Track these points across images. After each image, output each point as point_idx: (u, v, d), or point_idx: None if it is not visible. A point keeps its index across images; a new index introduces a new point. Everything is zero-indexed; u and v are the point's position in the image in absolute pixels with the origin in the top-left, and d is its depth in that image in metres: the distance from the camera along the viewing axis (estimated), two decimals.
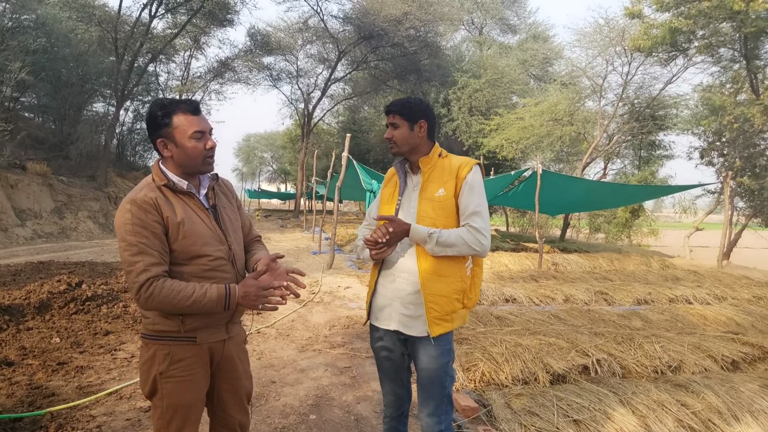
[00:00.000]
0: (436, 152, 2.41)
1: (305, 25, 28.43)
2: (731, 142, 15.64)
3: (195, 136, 1.96)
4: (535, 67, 29.34)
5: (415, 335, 2.31)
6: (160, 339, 1.94)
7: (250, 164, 59.50)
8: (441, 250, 2.23)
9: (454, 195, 2.31)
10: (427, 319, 2.26)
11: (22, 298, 5.86)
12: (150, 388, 1.96)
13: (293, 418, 3.51)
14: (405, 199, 2.43)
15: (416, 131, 2.37)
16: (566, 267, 11.45)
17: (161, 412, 1.95)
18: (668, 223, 29.97)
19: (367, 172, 13.02)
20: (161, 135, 1.95)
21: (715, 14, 13.11)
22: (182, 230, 1.92)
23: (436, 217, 2.30)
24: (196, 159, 1.98)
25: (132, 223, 1.83)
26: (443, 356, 2.30)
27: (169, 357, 1.93)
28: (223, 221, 2.09)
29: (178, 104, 1.97)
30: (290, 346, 5.19)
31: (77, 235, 16.03)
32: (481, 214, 2.27)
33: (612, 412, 3.36)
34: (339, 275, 9.70)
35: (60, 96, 20.42)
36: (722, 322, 6.47)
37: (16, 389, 3.71)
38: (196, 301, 1.84)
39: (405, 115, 2.35)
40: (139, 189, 1.93)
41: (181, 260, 1.93)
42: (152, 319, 1.94)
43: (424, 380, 2.34)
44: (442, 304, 2.26)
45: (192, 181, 2.03)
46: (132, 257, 1.82)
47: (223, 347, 2.08)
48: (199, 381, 2.01)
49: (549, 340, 4.71)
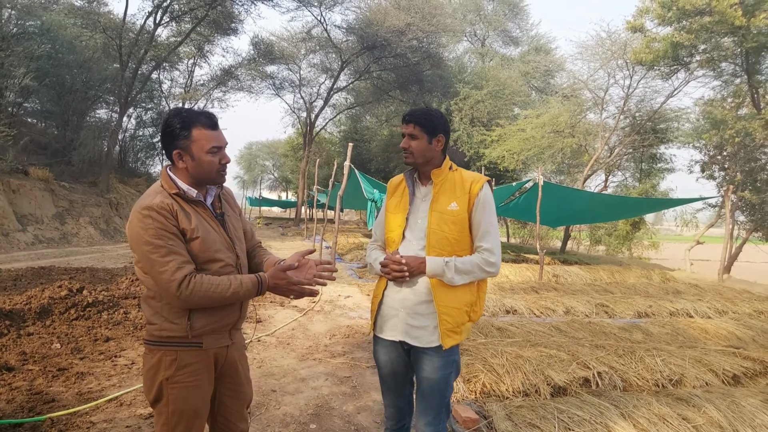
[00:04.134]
0: (447, 165, 2.41)
1: (309, 35, 28.63)
2: (732, 156, 15.69)
3: (212, 151, 1.98)
4: (537, 79, 29.47)
5: (421, 346, 2.30)
6: (166, 345, 1.95)
7: (251, 172, 59.60)
8: (460, 278, 2.24)
9: (468, 210, 2.31)
10: (440, 331, 2.25)
11: (23, 304, 5.86)
12: (155, 394, 1.96)
13: (293, 428, 3.50)
14: (414, 209, 2.41)
15: (434, 144, 2.36)
16: (567, 279, 11.43)
17: (166, 418, 1.96)
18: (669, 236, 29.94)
19: (368, 182, 13.05)
20: (178, 146, 1.96)
21: (716, 29, 13.19)
22: (197, 237, 1.93)
23: (448, 231, 2.30)
24: (211, 173, 2.01)
25: (155, 228, 1.85)
26: (446, 367, 2.30)
27: (175, 363, 1.94)
28: (230, 229, 2.11)
29: (198, 117, 1.98)
30: (290, 355, 5.18)
31: (78, 240, 16.03)
32: (491, 233, 2.30)
33: (613, 425, 3.35)
34: (339, 284, 9.69)
35: (63, 102, 20.52)
36: (723, 336, 6.45)
37: (16, 394, 3.70)
38: (235, 291, 1.92)
39: (425, 128, 2.33)
40: (152, 196, 1.93)
41: (196, 266, 1.95)
42: (159, 325, 1.94)
43: (425, 390, 2.33)
44: (455, 316, 2.26)
45: (200, 189, 2.05)
46: (162, 258, 1.83)
47: (226, 353, 2.10)
48: (205, 386, 2.01)
49: (550, 352, 4.70)
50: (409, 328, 2.32)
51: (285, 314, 7.00)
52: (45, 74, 18.40)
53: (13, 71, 15.84)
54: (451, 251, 2.29)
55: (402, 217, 2.42)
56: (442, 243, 2.30)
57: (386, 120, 34.71)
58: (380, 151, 31.43)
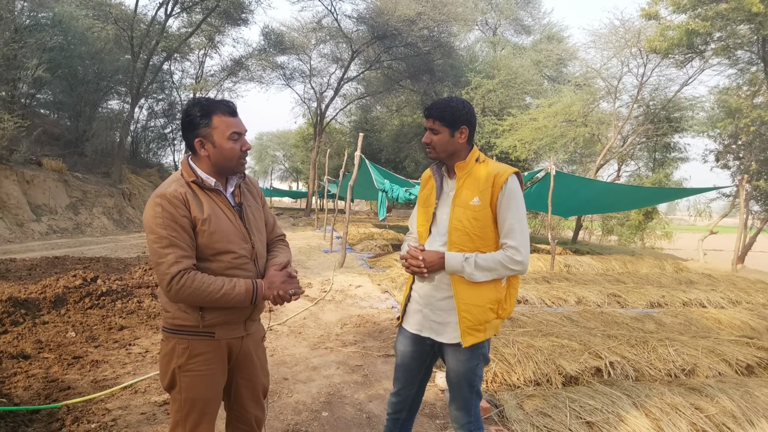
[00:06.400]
0: (473, 157, 2.31)
1: (319, 25, 28.51)
2: (747, 145, 15.52)
3: (233, 138, 1.99)
4: (549, 68, 29.23)
5: (445, 342, 2.29)
6: (179, 333, 1.97)
7: (262, 162, 59.69)
8: (481, 275, 2.17)
9: (491, 204, 2.21)
10: (459, 329, 2.22)
11: (38, 293, 5.94)
12: (169, 381, 1.99)
13: (306, 415, 3.53)
14: (441, 203, 2.36)
15: (456, 137, 2.27)
16: (579, 269, 11.37)
17: (179, 405, 1.98)
18: (682, 226, 29.72)
19: (379, 172, 13.03)
20: (199, 135, 1.98)
21: (732, 16, 13.00)
22: (208, 226, 1.94)
23: (470, 227, 2.22)
24: (232, 160, 2.02)
25: (162, 217, 1.86)
26: (472, 360, 2.28)
27: (187, 351, 1.96)
28: (248, 219, 2.11)
29: (217, 105, 2.00)
30: (302, 344, 5.21)
31: (92, 230, 16.19)
32: (516, 230, 2.18)
33: (625, 415, 3.35)
34: (350, 274, 9.71)
35: (76, 93, 20.69)
36: (737, 326, 6.40)
37: (32, 382, 3.76)
38: (226, 294, 1.89)
39: (446, 121, 2.25)
40: (169, 184, 1.96)
41: (207, 256, 1.96)
42: (172, 313, 1.96)
43: (453, 380, 2.34)
44: (476, 314, 2.20)
45: (220, 178, 2.06)
46: (162, 249, 1.85)
47: (241, 344, 2.11)
48: (217, 376, 2.03)
49: (561, 342, 4.69)
50: (433, 324, 2.31)
51: (296, 303, 7.03)
52: (57, 66, 18.53)
53: (26, 63, 15.91)
54: (473, 248, 2.22)
55: (429, 212, 2.39)
56: (463, 239, 2.23)
57: (397, 110, 34.63)
58: (391, 141, 31.41)
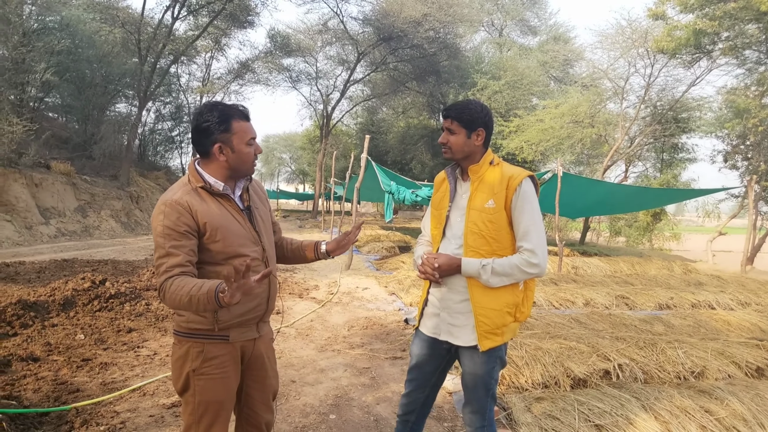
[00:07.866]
0: (487, 160, 2.32)
1: (325, 27, 28.60)
2: (756, 145, 15.39)
3: (250, 143, 2.00)
4: (556, 69, 29.13)
5: (462, 344, 2.29)
6: (193, 336, 1.97)
7: (269, 165, 59.86)
8: (498, 280, 2.16)
9: (505, 207, 2.21)
10: (476, 333, 2.22)
11: (47, 295, 5.97)
12: (182, 384, 1.99)
13: (313, 418, 3.53)
14: (455, 206, 2.36)
15: (473, 139, 2.27)
16: (586, 270, 11.32)
17: (193, 409, 1.98)
18: (690, 227, 29.48)
19: (385, 174, 13.03)
20: (218, 140, 1.95)
21: (740, 15, 12.92)
22: (219, 232, 1.94)
23: (485, 230, 2.22)
24: (248, 164, 2.03)
25: (163, 225, 1.86)
26: (489, 363, 2.28)
27: (202, 355, 1.96)
28: (257, 222, 2.11)
29: (234, 109, 1.99)
30: (309, 346, 5.22)
31: (100, 233, 16.27)
32: (532, 232, 2.18)
33: (634, 418, 3.32)
34: (357, 276, 9.71)
35: (84, 96, 20.81)
36: (746, 328, 6.35)
37: (42, 384, 3.78)
38: (192, 297, 1.71)
39: (464, 122, 2.25)
40: (175, 190, 1.95)
41: (219, 260, 1.96)
42: (186, 317, 1.96)
43: (469, 383, 2.34)
44: (493, 317, 2.20)
45: (230, 183, 2.05)
46: (159, 259, 1.86)
47: (253, 346, 2.11)
48: (231, 379, 2.03)
49: (570, 344, 4.67)
50: (450, 327, 2.31)
51: (304, 306, 7.05)
52: (65, 69, 18.67)
53: (34, 66, 16.02)
54: (490, 251, 2.22)
55: (442, 215, 2.38)
56: (479, 242, 2.23)
57: (403, 112, 34.65)
58: (397, 143, 31.40)
